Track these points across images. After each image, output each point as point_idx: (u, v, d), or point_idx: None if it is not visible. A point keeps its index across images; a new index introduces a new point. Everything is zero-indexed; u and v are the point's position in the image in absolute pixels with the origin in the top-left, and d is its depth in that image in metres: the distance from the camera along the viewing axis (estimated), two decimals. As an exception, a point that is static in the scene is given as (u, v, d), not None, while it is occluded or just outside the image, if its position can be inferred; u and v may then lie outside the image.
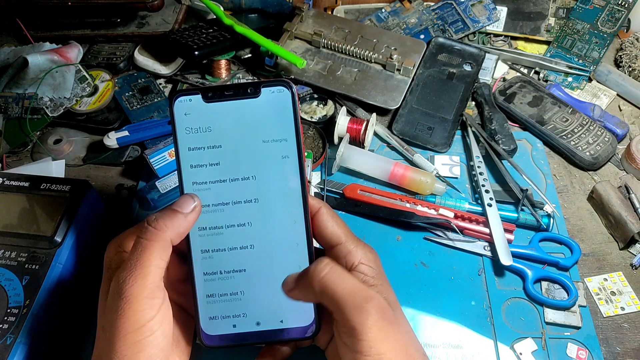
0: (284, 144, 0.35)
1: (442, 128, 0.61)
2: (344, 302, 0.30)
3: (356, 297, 0.30)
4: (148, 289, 0.31)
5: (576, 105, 0.63)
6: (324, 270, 0.31)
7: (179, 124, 0.35)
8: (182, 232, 0.34)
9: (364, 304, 0.30)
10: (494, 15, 0.72)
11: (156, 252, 0.32)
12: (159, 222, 0.33)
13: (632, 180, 0.56)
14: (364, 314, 0.30)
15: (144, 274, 0.31)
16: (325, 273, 0.31)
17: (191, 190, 0.35)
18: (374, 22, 0.73)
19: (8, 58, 0.65)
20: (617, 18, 0.67)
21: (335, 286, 0.31)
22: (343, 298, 0.30)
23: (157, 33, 0.69)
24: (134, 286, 0.31)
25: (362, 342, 0.30)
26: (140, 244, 0.32)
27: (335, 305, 0.31)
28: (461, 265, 0.51)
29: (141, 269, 0.31)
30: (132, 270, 0.31)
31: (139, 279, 0.31)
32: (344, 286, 0.31)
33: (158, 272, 0.32)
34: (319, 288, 0.31)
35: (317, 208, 0.36)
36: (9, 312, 0.42)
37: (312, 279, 0.32)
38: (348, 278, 0.31)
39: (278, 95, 0.35)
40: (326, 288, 0.31)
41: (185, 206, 0.34)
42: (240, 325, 0.35)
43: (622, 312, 0.48)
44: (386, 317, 0.31)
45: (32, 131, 0.60)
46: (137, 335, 0.30)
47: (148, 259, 0.32)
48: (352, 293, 0.30)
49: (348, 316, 0.30)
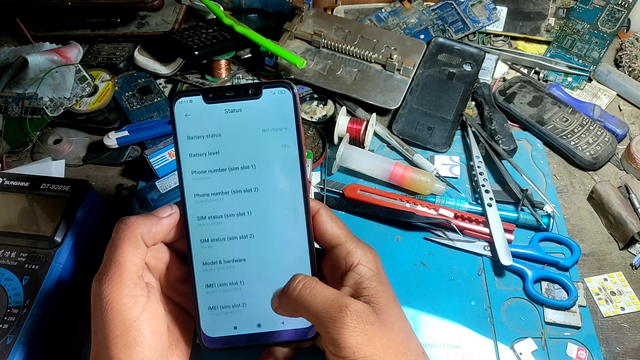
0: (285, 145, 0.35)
1: (442, 128, 0.61)
2: (319, 317, 0.31)
3: (329, 310, 0.31)
4: (126, 286, 0.31)
5: (576, 105, 0.63)
6: (297, 288, 0.32)
7: (179, 126, 0.35)
8: (155, 232, 0.34)
9: (337, 314, 0.30)
10: (494, 15, 0.72)
11: (128, 249, 0.32)
12: (129, 220, 0.33)
13: (632, 180, 0.56)
14: (338, 324, 0.30)
15: (119, 273, 0.31)
16: (298, 291, 0.32)
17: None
18: (374, 22, 0.73)
19: (8, 58, 0.65)
20: (617, 18, 0.67)
21: (309, 302, 0.31)
22: (318, 312, 0.31)
23: (157, 33, 0.69)
24: (111, 285, 0.31)
25: (344, 350, 0.30)
26: (112, 242, 0.33)
27: (312, 320, 0.31)
28: (461, 265, 0.51)
29: (116, 268, 0.32)
30: (107, 270, 0.32)
31: (115, 277, 0.31)
32: (317, 300, 0.31)
33: (133, 269, 0.32)
34: (294, 306, 0.32)
35: (316, 209, 0.36)
36: (9, 312, 0.42)
37: (288, 298, 0.32)
38: (321, 292, 0.32)
39: (279, 96, 0.35)
40: (300, 305, 0.31)
41: (162, 211, 0.35)
42: (241, 327, 0.35)
43: (622, 312, 0.48)
44: (365, 320, 0.31)
45: (32, 131, 0.60)
46: (126, 337, 0.30)
47: (122, 256, 0.32)
48: (325, 307, 0.31)
49: (326, 329, 0.30)
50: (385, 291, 0.34)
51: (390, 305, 0.34)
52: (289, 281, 0.33)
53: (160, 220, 0.34)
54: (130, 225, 0.33)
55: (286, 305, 0.33)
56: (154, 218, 0.34)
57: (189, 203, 0.35)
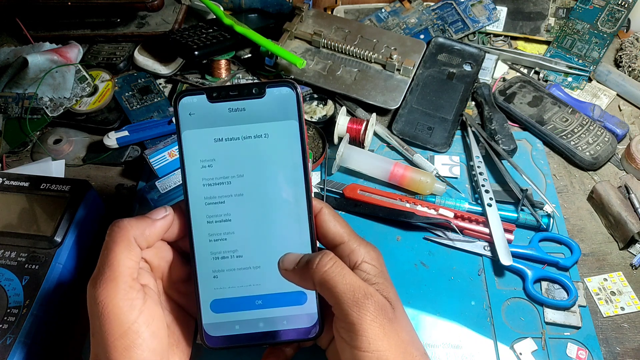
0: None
1: (442, 128, 0.61)
2: (343, 297, 0.31)
3: (356, 293, 0.31)
4: (121, 290, 0.31)
5: (576, 105, 0.63)
6: (327, 265, 0.32)
7: (183, 124, 0.35)
8: (148, 235, 0.34)
9: (363, 300, 0.31)
10: (493, 15, 0.72)
11: (121, 252, 0.32)
12: (122, 222, 0.33)
13: (632, 180, 0.56)
14: (363, 310, 0.30)
15: (112, 276, 0.31)
16: (328, 268, 0.32)
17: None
18: (374, 22, 0.73)
19: (8, 58, 0.65)
20: (617, 18, 0.67)
21: (336, 282, 0.31)
22: (343, 293, 0.31)
23: (157, 33, 0.69)
24: (106, 289, 0.31)
25: (361, 338, 0.30)
26: (105, 246, 0.33)
27: (334, 299, 0.31)
28: (461, 265, 0.51)
29: (110, 271, 0.31)
30: (102, 273, 0.31)
31: (109, 281, 0.31)
32: (345, 281, 0.31)
33: (127, 272, 0.32)
34: (319, 281, 0.32)
35: (319, 209, 0.36)
36: (9, 312, 0.42)
37: (314, 271, 0.32)
38: (349, 275, 0.32)
39: (283, 95, 0.35)
40: (327, 282, 0.31)
41: (155, 213, 0.35)
42: (243, 327, 0.35)
43: (622, 312, 0.48)
44: (385, 314, 0.31)
45: (32, 131, 0.60)
46: (124, 340, 0.30)
47: (115, 259, 0.32)
48: (352, 289, 0.31)
49: (347, 311, 0.30)
50: (393, 289, 0.35)
51: (399, 303, 0.34)
52: (318, 254, 0.33)
53: (154, 223, 0.34)
54: (123, 228, 0.33)
55: (306, 275, 0.33)
56: (148, 220, 0.34)
57: (193, 202, 0.35)
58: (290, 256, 0.34)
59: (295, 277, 0.34)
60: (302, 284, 0.34)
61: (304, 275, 0.33)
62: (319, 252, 0.33)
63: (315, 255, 0.33)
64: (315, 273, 0.32)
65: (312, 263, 0.32)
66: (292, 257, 0.34)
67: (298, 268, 0.33)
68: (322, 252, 0.33)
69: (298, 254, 0.34)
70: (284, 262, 0.34)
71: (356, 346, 0.30)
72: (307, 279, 0.33)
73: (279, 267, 0.34)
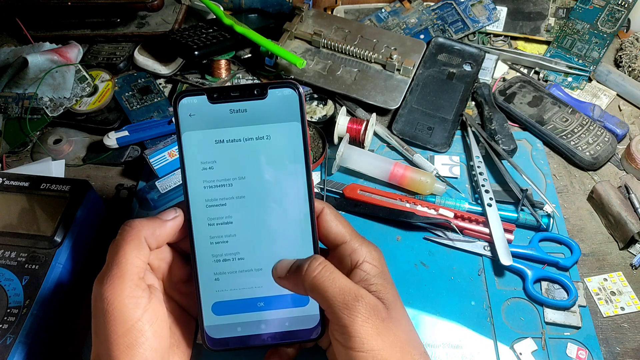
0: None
1: (442, 128, 0.61)
2: (334, 301, 0.31)
3: (346, 296, 0.31)
4: (127, 287, 0.31)
5: (576, 105, 0.63)
6: (317, 268, 0.32)
7: (183, 126, 0.35)
8: (159, 235, 0.34)
9: (353, 302, 0.31)
10: (493, 15, 0.72)
11: (130, 250, 0.32)
12: (134, 222, 0.33)
13: (632, 180, 0.56)
14: (354, 312, 0.31)
15: (120, 274, 0.31)
16: (319, 272, 0.32)
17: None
18: (374, 22, 0.73)
19: (8, 58, 0.65)
20: (617, 18, 0.67)
21: (327, 285, 0.32)
22: (333, 297, 0.31)
23: (157, 33, 0.69)
24: (112, 286, 0.31)
25: (354, 339, 0.30)
26: (115, 244, 0.33)
27: (326, 303, 0.32)
28: (461, 265, 0.51)
29: (118, 269, 0.32)
30: (109, 270, 0.32)
31: (116, 278, 0.31)
32: (335, 285, 0.32)
33: (135, 270, 0.32)
34: (309, 286, 0.32)
35: (321, 209, 0.36)
36: (9, 312, 0.42)
37: (304, 277, 0.32)
38: (339, 278, 0.32)
39: (285, 96, 0.35)
40: (317, 287, 0.32)
41: (166, 214, 0.35)
42: (245, 329, 0.35)
43: (622, 312, 0.48)
44: (378, 315, 0.31)
45: (32, 131, 0.60)
46: (127, 338, 0.30)
47: (124, 257, 0.32)
48: (342, 293, 0.31)
49: (338, 314, 0.31)
50: (392, 289, 0.35)
51: (397, 303, 0.34)
52: (307, 260, 0.33)
53: (165, 223, 0.34)
54: (134, 228, 0.33)
55: (298, 281, 0.33)
56: (158, 221, 0.34)
57: (193, 204, 0.35)
58: (283, 263, 0.35)
59: (288, 283, 0.34)
60: (295, 290, 0.34)
61: (296, 282, 0.33)
62: (309, 257, 0.33)
63: (304, 261, 0.33)
64: (305, 278, 0.32)
65: (301, 269, 0.33)
66: (284, 264, 0.34)
67: (290, 274, 0.34)
68: (311, 257, 0.33)
69: (290, 260, 0.34)
70: (277, 269, 0.35)
71: (350, 347, 0.30)
72: (299, 284, 0.33)
73: (273, 275, 0.35)
